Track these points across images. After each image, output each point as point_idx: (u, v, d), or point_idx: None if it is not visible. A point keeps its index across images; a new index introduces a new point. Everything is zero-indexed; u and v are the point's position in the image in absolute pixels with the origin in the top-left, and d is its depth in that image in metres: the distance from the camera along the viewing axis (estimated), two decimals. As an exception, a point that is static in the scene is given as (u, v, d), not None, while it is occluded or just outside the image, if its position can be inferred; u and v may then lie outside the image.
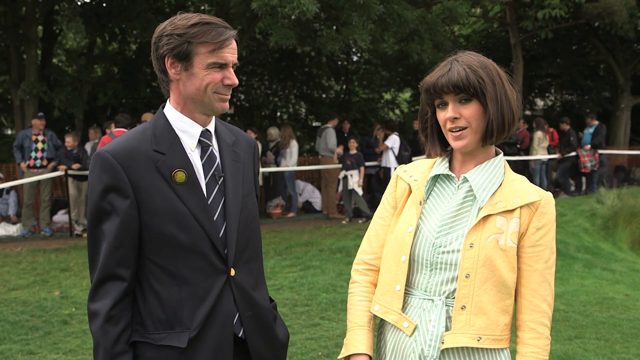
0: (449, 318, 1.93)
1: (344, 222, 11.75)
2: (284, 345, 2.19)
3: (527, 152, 15.20)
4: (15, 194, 12.58)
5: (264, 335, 2.09)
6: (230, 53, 1.97)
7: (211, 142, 2.06)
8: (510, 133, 1.97)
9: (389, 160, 12.20)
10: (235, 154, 2.12)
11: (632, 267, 9.49)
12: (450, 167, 2.04)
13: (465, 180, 1.97)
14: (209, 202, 1.99)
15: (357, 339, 2.07)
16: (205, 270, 1.96)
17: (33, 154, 10.58)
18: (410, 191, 2.07)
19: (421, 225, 2.00)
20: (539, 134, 14.87)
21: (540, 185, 14.66)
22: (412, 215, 2.01)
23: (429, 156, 2.06)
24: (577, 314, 6.52)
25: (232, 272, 2.00)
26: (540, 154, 14.77)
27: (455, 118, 1.92)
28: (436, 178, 2.04)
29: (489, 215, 1.92)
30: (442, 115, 1.95)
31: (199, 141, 2.03)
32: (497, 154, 2.03)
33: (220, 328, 1.96)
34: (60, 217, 11.90)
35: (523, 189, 1.96)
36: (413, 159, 11.77)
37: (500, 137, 1.94)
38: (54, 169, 10.66)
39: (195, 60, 1.94)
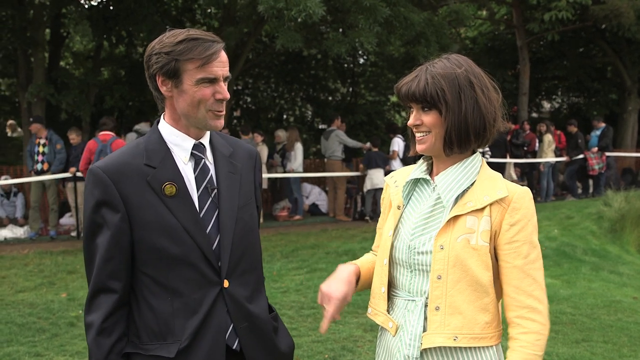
0: (426, 318, 1.96)
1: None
2: (287, 356, 2.18)
3: (534, 154, 15.17)
4: (23, 196, 12.64)
5: (263, 347, 2.08)
6: (220, 67, 1.97)
7: (204, 154, 2.07)
8: (483, 142, 1.99)
9: (392, 162, 12.32)
10: (232, 165, 2.12)
11: (639, 270, 9.44)
12: (431, 170, 2.09)
13: None
14: (201, 214, 2.00)
15: (358, 259, 2.29)
16: (197, 282, 1.97)
17: (35, 158, 10.64)
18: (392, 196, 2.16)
19: (400, 229, 2.06)
20: (549, 137, 14.85)
21: (547, 188, 14.64)
22: (392, 220, 2.09)
23: (412, 154, 2.12)
24: (585, 317, 6.49)
25: (226, 284, 2.00)
26: (549, 157, 14.75)
27: (417, 125, 1.99)
28: (416, 182, 2.09)
29: (458, 216, 1.93)
30: (409, 121, 2.03)
31: (192, 154, 2.04)
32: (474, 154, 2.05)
33: (211, 339, 1.97)
34: (67, 219, 11.94)
35: (493, 186, 1.96)
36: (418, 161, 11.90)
37: (467, 145, 1.96)
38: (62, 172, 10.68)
39: (184, 77, 1.95)
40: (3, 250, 9.60)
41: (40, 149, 10.61)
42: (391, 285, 2.10)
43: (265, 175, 12.26)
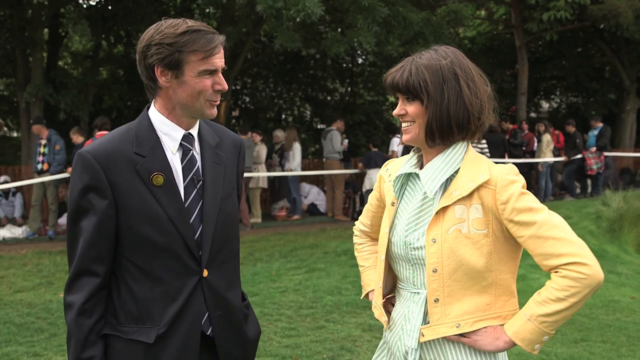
0: (427, 311, 1.99)
1: None
2: (253, 343, 2.26)
3: (532, 154, 15.17)
4: (21, 196, 12.62)
5: (233, 334, 2.15)
6: (219, 58, 2.01)
7: (193, 146, 2.09)
8: (468, 134, 1.98)
9: (393, 162, 12.36)
10: (218, 156, 2.15)
11: (638, 270, 9.45)
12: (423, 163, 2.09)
13: None
14: (186, 205, 2.03)
15: (367, 280, 2.35)
16: (178, 270, 2.02)
17: (36, 158, 10.66)
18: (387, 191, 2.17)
19: (396, 224, 2.07)
20: (547, 137, 14.86)
21: (545, 188, 14.64)
22: (387, 216, 2.11)
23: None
24: (583, 316, 6.50)
25: (205, 273, 2.06)
26: (548, 157, 14.76)
27: (402, 114, 2.00)
28: (408, 176, 2.09)
29: (447, 207, 1.93)
30: (394, 110, 2.05)
31: (180, 145, 2.07)
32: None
33: (188, 326, 2.03)
34: (66, 219, 11.92)
35: (476, 171, 1.94)
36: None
37: (449, 137, 1.96)
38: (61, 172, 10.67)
39: (186, 68, 1.97)
40: (1, 250, 9.59)
41: (42, 149, 10.62)
42: (398, 279, 2.13)
43: (263, 174, 12.26)
